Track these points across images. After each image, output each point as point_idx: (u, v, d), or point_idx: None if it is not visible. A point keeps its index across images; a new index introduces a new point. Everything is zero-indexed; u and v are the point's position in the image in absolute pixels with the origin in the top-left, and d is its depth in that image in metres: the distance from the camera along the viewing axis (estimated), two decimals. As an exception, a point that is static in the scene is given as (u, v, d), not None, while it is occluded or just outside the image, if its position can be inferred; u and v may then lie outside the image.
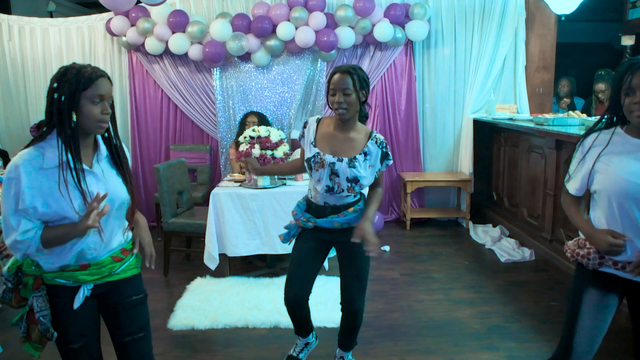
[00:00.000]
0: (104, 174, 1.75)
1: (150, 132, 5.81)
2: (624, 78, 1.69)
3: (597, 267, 1.80)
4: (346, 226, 2.40)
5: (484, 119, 5.40)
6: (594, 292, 1.80)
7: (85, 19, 5.75)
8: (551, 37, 5.62)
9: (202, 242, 4.11)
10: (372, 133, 2.39)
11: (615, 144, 1.75)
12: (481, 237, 5.10)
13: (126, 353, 1.88)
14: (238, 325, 3.31)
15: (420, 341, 3.10)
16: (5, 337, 3.20)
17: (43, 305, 1.72)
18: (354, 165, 2.31)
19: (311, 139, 2.41)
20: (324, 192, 2.35)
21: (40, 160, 1.62)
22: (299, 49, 5.38)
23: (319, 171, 2.34)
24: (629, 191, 1.68)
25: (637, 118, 1.68)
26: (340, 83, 2.25)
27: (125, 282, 1.85)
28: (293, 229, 2.51)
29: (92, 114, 1.64)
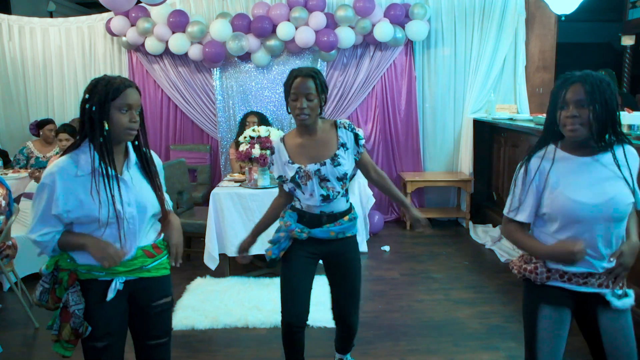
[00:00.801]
0: (133, 181, 1.81)
1: (150, 132, 5.80)
2: (559, 93, 1.71)
3: (545, 282, 1.79)
4: (341, 236, 2.28)
5: (484, 119, 5.40)
6: (547, 309, 1.79)
7: (85, 19, 5.75)
8: (551, 37, 5.62)
9: (202, 242, 4.11)
10: (337, 122, 2.26)
11: (558, 166, 1.74)
12: (481, 237, 5.10)
13: (147, 356, 1.91)
14: (238, 325, 3.31)
15: (420, 341, 3.10)
16: (5, 337, 3.20)
17: (78, 299, 1.76)
18: (339, 162, 2.20)
19: (286, 159, 2.24)
20: (321, 202, 2.21)
21: (74, 168, 1.72)
22: (299, 49, 5.38)
23: (307, 184, 2.20)
24: (577, 212, 1.70)
25: (569, 132, 1.69)
26: (303, 87, 2.11)
27: (156, 281, 1.89)
28: (283, 242, 2.28)
29: (120, 122, 1.72)
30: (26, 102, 5.85)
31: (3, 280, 3.87)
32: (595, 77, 1.67)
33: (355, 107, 5.69)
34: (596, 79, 1.66)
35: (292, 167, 2.23)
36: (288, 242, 2.29)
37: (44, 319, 3.36)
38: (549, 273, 1.78)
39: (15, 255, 3.48)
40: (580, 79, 1.68)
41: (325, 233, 2.26)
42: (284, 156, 2.26)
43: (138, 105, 1.76)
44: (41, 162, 5.11)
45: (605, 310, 1.76)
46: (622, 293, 1.76)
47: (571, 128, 1.68)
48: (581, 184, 1.71)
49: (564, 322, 1.79)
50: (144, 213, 1.81)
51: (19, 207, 3.53)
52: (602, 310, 1.76)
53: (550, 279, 1.78)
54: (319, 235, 2.25)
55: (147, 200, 1.82)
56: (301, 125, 2.20)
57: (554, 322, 1.79)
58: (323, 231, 2.25)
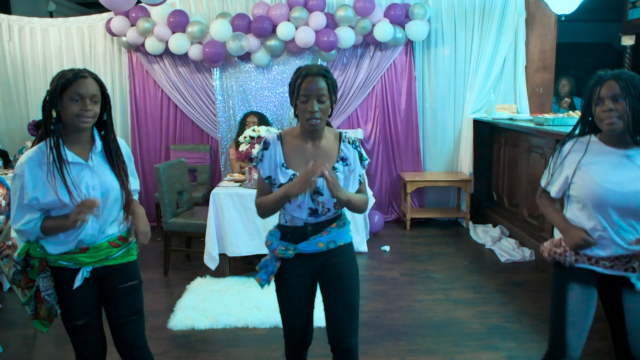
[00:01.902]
0: (96, 167, 1.92)
1: (150, 132, 5.81)
2: (594, 90, 1.83)
3: (573, 264, 1.92)
4: (332, 246, 2.04)
5: (484, 119, 5.40)
6: (576, 288, 1.91)
7: (85, 19, 5.75)
8: (551, 37, 5.62)
9: (202, 242, 4.11)
10: (342, 134, 2.09)
11: (591, 152, 1.88)
12: (481, 237, 5.10)
13: (120, 333, 2.05)
14: (238, 325, 3.31)
15: (420, 341, 3.10)
16: (5, 337, 3.20)
17: (48, 284, 1.92)
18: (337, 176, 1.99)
19: (280, 161, 2.00)
20: (307, 216, 2.00)
21: (41, 156, 1.83)
22: (299, 49, 5.38)
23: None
24: (605, 197, 1.81)
25: (607, 125, 1.81)
26: (315, 88, 1.90)
27: (122, 267, 2.02)
28: (270, 265, 2.07)
29: (70, 110, 1.81)
30: (26, 102, 5.85)
31: (3, 280, 3.87)
32: (627, 74, 1.80)
33: (355, 107, 5.69)
34: (629, 76, 1.79)
35: (286, 173, 1.99)
36: (275, 264, 2.06)
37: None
38: (577, 256, 1.91)
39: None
40: (614, 76, 1.80)
41: (312, 246, 2.02)
42: (278, 157, 2.02)
43: (92, 94, 1.83)
44: None
45: (630, 292, 1.87)
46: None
47: (609, 122, 1.79)
48: (611, 173, 1.82)
49: (592, 300, 1.90)
50: (107, 197, 1.92)
51: (19, 207, 3.53)
52: (627, 292, 1.87)
53: (579, 261, 1.91)
54: (307, 249, 2.02)
55: (110, 185, 1.93)
56: (310, 129, 1.98)
57: (583, 299, 1.90)
58: (310, 244, 2.02)
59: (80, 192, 1.85)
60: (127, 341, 2.06)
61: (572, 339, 1.90)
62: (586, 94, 1.88)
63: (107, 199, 1.92)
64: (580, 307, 1.90)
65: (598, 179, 1.83)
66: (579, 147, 1.91)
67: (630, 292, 1.88)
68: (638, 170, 1.81)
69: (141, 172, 5.83)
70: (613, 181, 1.81)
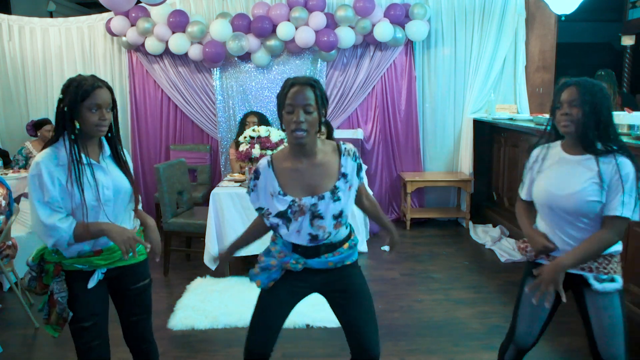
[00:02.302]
0: (108, 169, 2.00)
1: (150, 132, 5.81)
2: (557, 95, 1.92)
3: (533, 259, 2.04)
4: (340, 265, 1.98)
5: (484, 119, 5.40)
6: (531, 281, 1.99)
7: (85, 19, 5.75)
8: (551, 37, 5.62)
9: (202, 242, 4.11)
10: (341, 145, 1.94)
11: (550, 158, 1.99)
12: (481, 237, 5.10)
13: (131, 330, 2.15)
14: (238, 325, 3.31)
15: (420, 341, 3.10)
16: (5, 337, 3.20)
17: (61, 287, 1.96)
18: (339, 197, 1.87)
19: (275, 189, 1.88)
20: (308, 242, 1.91)
21: (55, 159, 1.89)
22: (299, 49, 5.38)
23: (298, 220, 1.88)
24: (551, 202, 1.93)
25: (562, 127, 1.90)
26: (300, 98, 1.79)
27: (134, 267, 2.08)
28: (274, 272, 1.98)
29: (90, 120, 1.88)
30: (26, 102, 5.85)
31: (3, 280, 3.87)
32: (589, 82, 1.87)
33: (355, 107, 5.69)
34: (589, 84, 1.86)
35: (284, 201, 1.87)
36: (280, 273, 1.98)
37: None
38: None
39: (15, 255, 3.48)
40: (576, 82, 1.88)
41: (322, 264, 1.96)
42: (273, 185, 1.89)
43: (107, 103, 1.91)
44: None
45: (590, 292, 1.94)
46: (607, 278, 1.92)
47: (564, 124, 1.89)
48: (557, 175, 1.93)
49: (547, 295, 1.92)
50: (119, 196, 1.99)
51: (19, 207, 3.53)
52: (587, 292, 1.95)
53: (537, 257, 2.02)
54: (316, 266, 1.96)
55: (121, 185, 2.01)
56: (296, 144, 1.84)
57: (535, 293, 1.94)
58: (321, 262, 1.95)
59: (95, 192, 1.92)
60: (137, 336, 2.17)
61: (520, 327, 2.08)
62: (553, 99, 1.97)
63: (119, 199, 1.99)
64: (531, 301, 1.96)
65: (547, 184, 1.94)
66: (542, 154, 2.02)
67: (590, 293, 1.94)
68: (583, 170, 1.88)
69: (141, 172, 5.83)
70: (559, 186, 1.90)
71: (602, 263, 1.91)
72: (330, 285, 2.01)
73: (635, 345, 3.02)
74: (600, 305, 1.92)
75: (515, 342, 2.12)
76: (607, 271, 1.91)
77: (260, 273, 2.00)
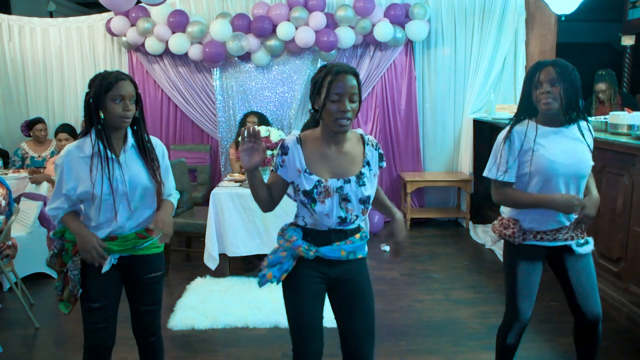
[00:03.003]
0: (127, 162, 2.06)
1: (150, 132, 5.76)
2: (534, 75, 2.08)
3: (522, 242, 2.20)
4: (352, 257, 1.95)
5: (484, 119, 5.40)
6: (523, 264, 2.22)
7: (85, 19, 5.75)
8: (551, 37, 5.62)
9: (202, 242, 4.11)
10: (364, 136, 1.99)
11: (532, 135, 2.13)
12: (481, 237, 5.10)
13: (138, 320, 2.20)
14: (238, 325, 3.31)
15: (420, 341, 3.10)
16: (5, 337, 3.20)
17: (76, 266, 2.06)
18: (364, 183, 1.89)
19: (302, 166, 1.87)
20: (336, 225, 1.89)
21: (78, 151, 2.01)
22: (299, 49, 5.38)
23: (325, 202, 1.85)
24: (555, 170, 2.09)
25: (543, 105, 2.07)
26: (348, 87, 1.78)
27: (147, 258, 2.14)
28: (286, 262, 1.92)
29: (114, 111, 1.97)
30: (26, 102, 5.85)
31: (3, 280, 3.87)
32: (563, 62, 2.07)
33: (355, 107, 5.68)
34: (564, 64, 2.06)
35: (310, 179, 1.86)
36: (292, 263, 1.92)
37: (44, 319, 3.37)
38: (524, 235, 2.19)
39: (15, 255, 3.48)
40: (552, 63, 2.07)
41: (335, 252, 1.91)
42: (300, 162, 1.88)
43: (131, 95, 2.00)
44: (37, 161, 5.13)
45: (571, 256, 2.20)
46: (583, 242, 2.20)
47: (545, 101, 2.05)
48: (556, 148, 2.10)
49: (537, 272, 2.23)
50: (135, 189, 2.04)
51: (19, 207, 3.53)
52: (568, 256, 2.20)
53: (526, 239, 2.20)
54: (328, 254, 1.90)
55: (138, 178, 2.05)
56: (338, 131, 1.84)
57: (529, 273, 2.22)
58: (333, 250, 1.90)
59: (112, 186, 1.99)
60: (144, 328, 2.21)
61: (522, 306, 2.27)
62: (526, 80, 2.12)
63: (135, 192, 2.05)
64: (527, 280, 2.23)
65: (548, 155, 2.09)
66: (530, 133, 2.14)
67: (571, 256, 2.20)
68: (572, 138, 2.12)
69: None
70: (559, 155, 2.09)
71: (579, 229, 2.18)
72: (340, 283, 1.96)
73: (635, 345, 3.02)
74: (580, 267, 2.20)
75: (520, 320, 2.27)
76: (582, 236, 2.20)
77: (271, 267, 1.93)
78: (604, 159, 3.41)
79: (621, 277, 3.32)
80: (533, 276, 2.23)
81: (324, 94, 1.80)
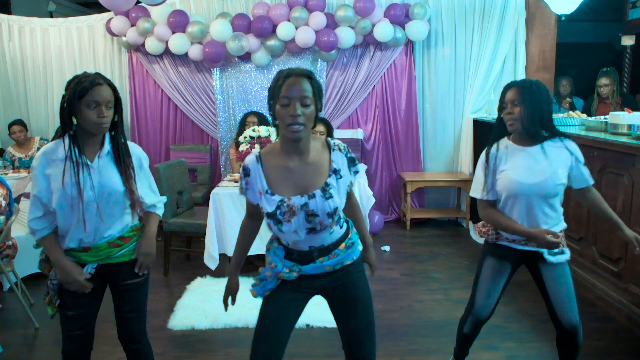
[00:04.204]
0: (101, 168, 1.98)
1: (150, 132, 5.81)
2: (503, 95, 2.15)
3: (495, 241, 2.28)
4: (338, 267, 1.88)
5: (484, 119, 5.40)
6: (490, 260, 2.31)
7: (85, 19, 5.75)
8: (551, 37, 5.62)
9: (202, 242, 4.11)
10: (330, 141, 1.86)
11: (505, 153, 2.19)
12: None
13: (122, 328, 2.16)
14: (238, 325, 3.31)
15: (420, 341, 3.10)
16: (5, 337, 3.20)
17: (55, 275, 2.04)
18: (330, 195, 1.77)
19: (264, 187, 1.79)
20: (306, 235, 1.81)
21: (55, 152, 1.94)
22: (299, 49, 5.38)
23: (290, 221, 1.76)
24: (521, 191, 2.12)
25: (509, 126, 2.14)
26: (298, 90, 1.69)
27: (127, 265, 2.09)
28: (270, 282, 1.88)
29: (89, 118, 1.89)
30: (26, 102, 5.85)
31: (3, 280, 3.87)
32: (527, 82, 2.11)
33: (355, 107, 5.69)
34: (527, 83, 2.10)
35: (272, 200, 1.78)
36: (275, 283, 1.89)
37: (44, 319, 3.37)
38: (498, 235, 2.27)
39: (15, 255, 3.48)
40: (517, 83, 2.13)
41: (319, 269, 1.86)
42: (262, 183, 1.80)
43: (107, 101, 1.91)
44: (25, 161, 5.22)
45: (544, 264, 2.23)
46: (558, 251, 2.20)
47: (509, 123, 2.13)
48: (523, 167, 2.14)
49: (502, 272, 2.29)
50: (104, 195, 1.97)
51: (19, 207, 3.53)
52: (542, 264, 2.23)
53: (499, 239, 2.27)
54: (312, 272, 1.86)
55: (111, 186, 1.98)
56: (290, 140, 1.74)
57: (494, 269, 2.30)
58: (316, 267, 1.85)
59: (81, 191, 1.92)
60: (127, 335, 2.17)
61: (478, 300, 2.35)
62: (499, 100, 2.19)
63: (105, 198, 1.97)
64: (490, 276, 2.30)
65: (515, 176, 2.13)
66: (499, 153, 2.20)
67: (544, 265, 2.23)
68: (541, 157, 2.13)
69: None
70: (528, 176, 2.12)
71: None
72: (331, 290, 1.92)
73: (635, 345, 3.02)
74: (555, 275, 2.22)
75: (474, 314, 2.37)
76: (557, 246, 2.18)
77: (258, 283, 1.92)
78: (604, 159, 3.41)
79: (621, 277, 3.32)
80: (497, 275, 2.30)
81: (275, 99, 1.73)
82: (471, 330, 2.43)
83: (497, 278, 2.30)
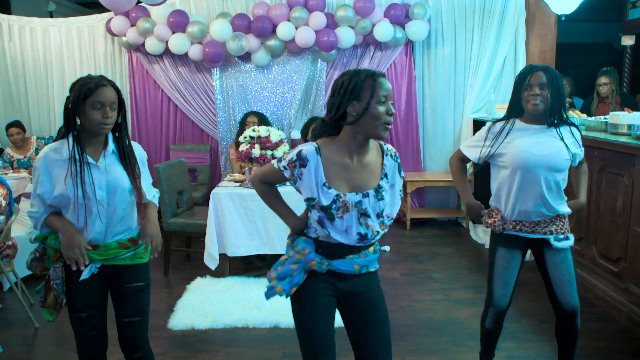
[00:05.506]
0: (108, 167, 2.00)
1: (150, 132, 5.81)
2: (526, 77, 2.24)
3: (502, 231, 2.37)
4: (364, 270, 1.88)
5: (484, 119, 5.40)
6: (502, 250, 2.39)
7: (85, 19, 5.75)
8: (551, 37, 5.62)
9: (202, 242, 4.11)
10: (383, 147, 1.89)
11: (517, 130, 2.32)
12: (481, 237, 5.10)
13: (123, 332, 2.13)
14: (238, 325, 3.31)
15: (420, 341, 3.10)
16: (5, 337, 3.20)
17: (58, 274, 2.02)
18: (382, 196, 1.80)
19: (321, 179, 1.76)
20: (356, 242, 1.80)
21: (59, 152, 1.96)
22: (299, 49, 5.38)
23: (343, 218, 1.75)
24: (529, 161, 2.24)
25: (532, 106, 2.23)
26: (389, 89, 1.75)
27: (130, 268, 2.09)
28: (297, 275, 1.81)
29: (93, 118, 1.92)
30: (26, 102, 5.85)
31: (3, 280, 3.87)
32: (552, 69, 2.25)
33: (355, 107, 5.68)
34: (553, 71, 2.24)
35: (328, 194, 1.75)
36: (303, 276, 1.82)
37: (44, 319, 3.37)
38: (504, 225, 2.36)
39: (15, 255, 3.48)
40: (542, 68, 2.24)
41: (348, 266, 1.84)
42: (319, 176, 1.76)
43: (112, 102, 1.94)
44: (24, 162, 5.22)
45: (549, 249, 2.34)
46: (563, 237, 2.33)
47: (534, 102, 2.23)
48: (531, 141, 2.27)
49: (515, 260, 2.39)
50: (114, 194, 1.99)
51: (19, 207, 3.53)
52: (547, 249, 2.35)
53: (506, 229, 2.36)
54: (341, 268, 1.83)
55: (118, 185, 2.00)
56: (375, 138, 1.78)
57: (506, 259, 2.38)
58: (346, 263, 1.83)
59: (86, 191, 1.94)
60: (129, 341, 2.13)
61: (496, 292, 2.40)
62: (517, 82, 2.29)
63: (113, 198, 2.00)
64: (503, 266, 2.38)
65: (524, 147, 2.25)
66: (507, 128, 2.33)
67: (549, 250, 2.34)
68: (552, 138, 2.27)
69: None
70: (538, 148, 2.24)
71: (559, 225, 2.33)
72: (351, 297, 1.90)
73: (635, 345, 3.02)
74: (558, 259, 2.32)
75: (494, 305, 2.41)
76: (563, 231, 2.34)
77: (280, 280, 1.82)
78: (604, 159, 3.41)
79: (621, 277, 3.32)
80: (510, 264, 2.38)
81: (368, 97, 1.70)
82: (493, 323, 2.46)
83: (511, 266, 2.38)
